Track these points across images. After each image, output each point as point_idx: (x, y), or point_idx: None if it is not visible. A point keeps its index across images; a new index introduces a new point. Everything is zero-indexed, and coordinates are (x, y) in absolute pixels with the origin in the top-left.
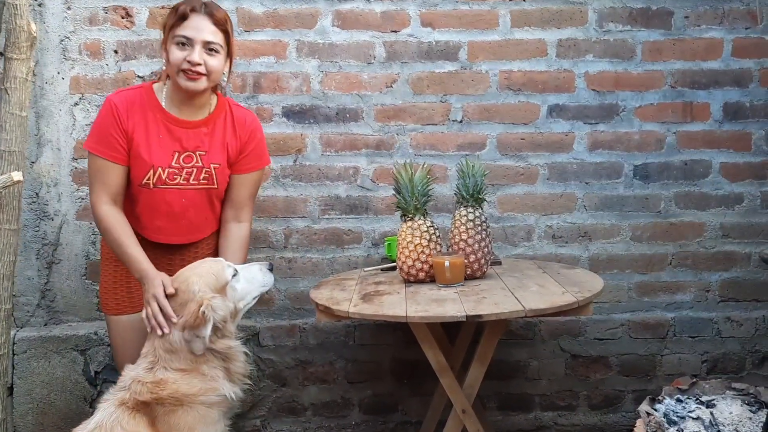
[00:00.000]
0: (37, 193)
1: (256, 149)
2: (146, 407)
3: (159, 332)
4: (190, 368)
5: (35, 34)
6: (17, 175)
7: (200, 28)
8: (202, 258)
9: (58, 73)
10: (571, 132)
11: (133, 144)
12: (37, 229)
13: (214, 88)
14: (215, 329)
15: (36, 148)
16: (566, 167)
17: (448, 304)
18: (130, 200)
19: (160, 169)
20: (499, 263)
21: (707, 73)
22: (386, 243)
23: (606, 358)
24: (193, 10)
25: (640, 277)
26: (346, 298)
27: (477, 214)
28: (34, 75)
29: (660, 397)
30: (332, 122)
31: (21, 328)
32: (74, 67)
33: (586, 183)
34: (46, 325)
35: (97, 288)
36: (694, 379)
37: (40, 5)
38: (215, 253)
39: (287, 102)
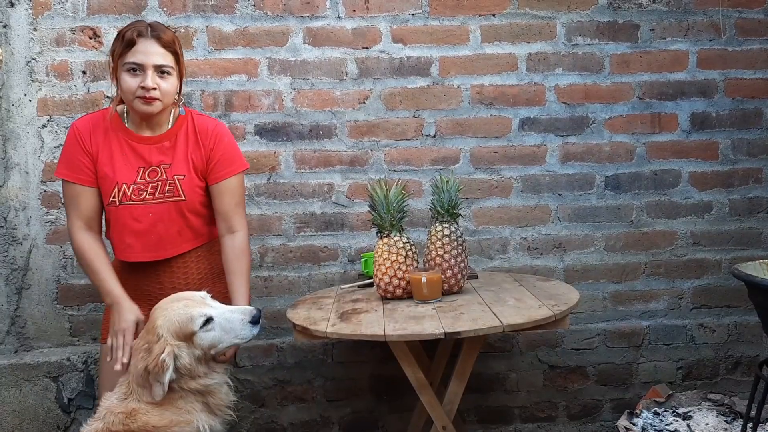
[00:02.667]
0: (5, 218)
1: (225, 154)
2: None
3: (117, 366)
4: (164, 402)
5: (1, 58)
6: None
7: (149, 52)
8: (192, 277)
9: (25, 95)
10: (543, 144)
11: (98, 164)
12: (6, 254)
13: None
14: (182, 373)
15: (3, 172)
16: (539, 179)
17: (427, 321)
18: (105, 224)
19: (124, 185)
20: (476, 277)
21: (674, 84)
22: (362, 259)
23: (583, 368)
24: (140, 35)
25: (614, 287)
26: (323, 317)
27: (453, 229)
28: (0, 98)
29: (637, 411)
30: (306, 139)
31: None
32: (41, 89)
33: (559, 195)
34: (16, 352)
35: (69, 312)
36: (671, 391)
37: (4, 27)
38: (206, 271)
39: (260, 120)
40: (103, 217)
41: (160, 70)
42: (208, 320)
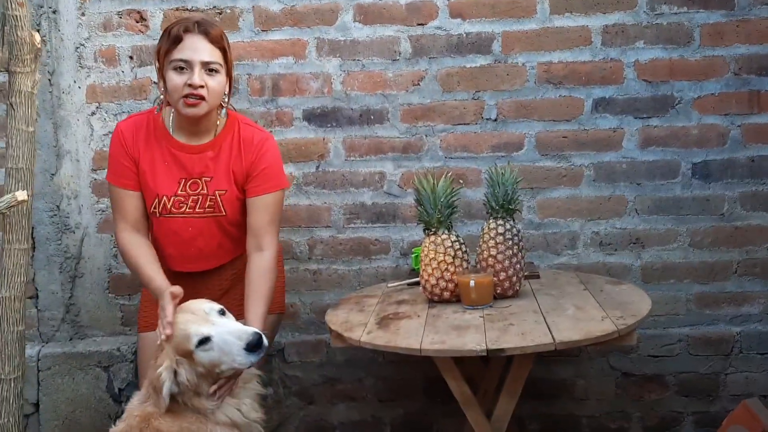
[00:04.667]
0: (57, 206)
1: (266, 170)
2: None
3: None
4: (177, 409)
5: (39, 46)
6: (21, 195)
7: (197, 48)
8: (226, 279)
9: (75, 81)
10: (620, 128)
11: (139, 170)
12: (59, 242)
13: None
14: (187, 388)
15: (55, 160)
16: (614, 167)
17: (470, 333)
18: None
19: (165, 197)
20: (537, 276)
21: None
22: (413, 254)
23: (662, 376)
24: (186, 30)
25: (700, 288)
26: (361, 322)
27: (508, 226)
28: (51, 84)
29: None
30: (356, 125)
31: (47, 343)
32: (90, 75)
33: (638, 184)
34: (71, 339)
35: (120, 302)
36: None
37: (54, 12)
38: (240, 270)
39: (308, 105)
40: None
41: (208, 68)
42: (206, 339)
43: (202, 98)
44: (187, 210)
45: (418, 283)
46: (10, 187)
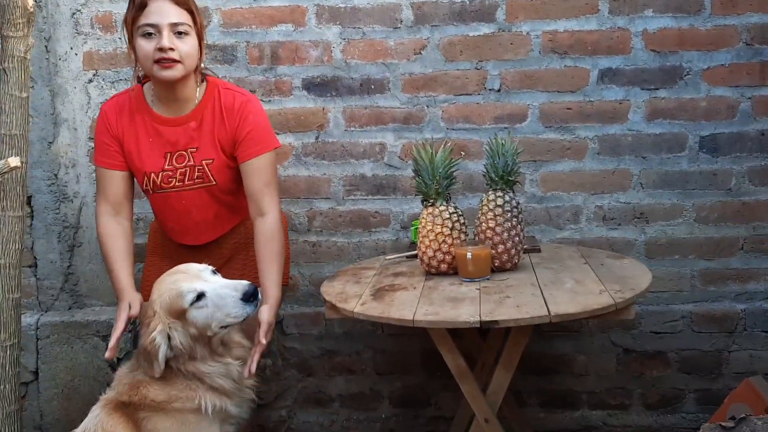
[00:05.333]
0: (55, 174)
1: (252, 133)
2: (127, 407)
3: (107, 354)
4: (167, 375)
5: (32, 10)
6: (14, 161)
7: (163, 11)
8: (228, 255)
9: (71, 48)
10: (626, 99)
11: (124, 150)
12: (58, 211)
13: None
14: (181, 351)
15: (53, 128)
16: (620, 140)
17: (465, 304)
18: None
19: (153, 174)
20: (538, 250)
21: None
22: (413, 227)
23: (664, 353)
24: None
25: (705, 264)
26: (356, 293)
27: (507, 198)
28: (47, 51)
29: None
30: (356, 94)
31: (45, 312)
32: (87, 42)
33: (644, 157)
34: (70, 308)
35: None
36: (742, 415)
37: None
38: (243, 237)
39: (307, 73)
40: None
41: (177, 30)
42: (200, 296)
43: (176, 61)
44: (177, 183)
45: (416, 256)
46: (4, 154)
